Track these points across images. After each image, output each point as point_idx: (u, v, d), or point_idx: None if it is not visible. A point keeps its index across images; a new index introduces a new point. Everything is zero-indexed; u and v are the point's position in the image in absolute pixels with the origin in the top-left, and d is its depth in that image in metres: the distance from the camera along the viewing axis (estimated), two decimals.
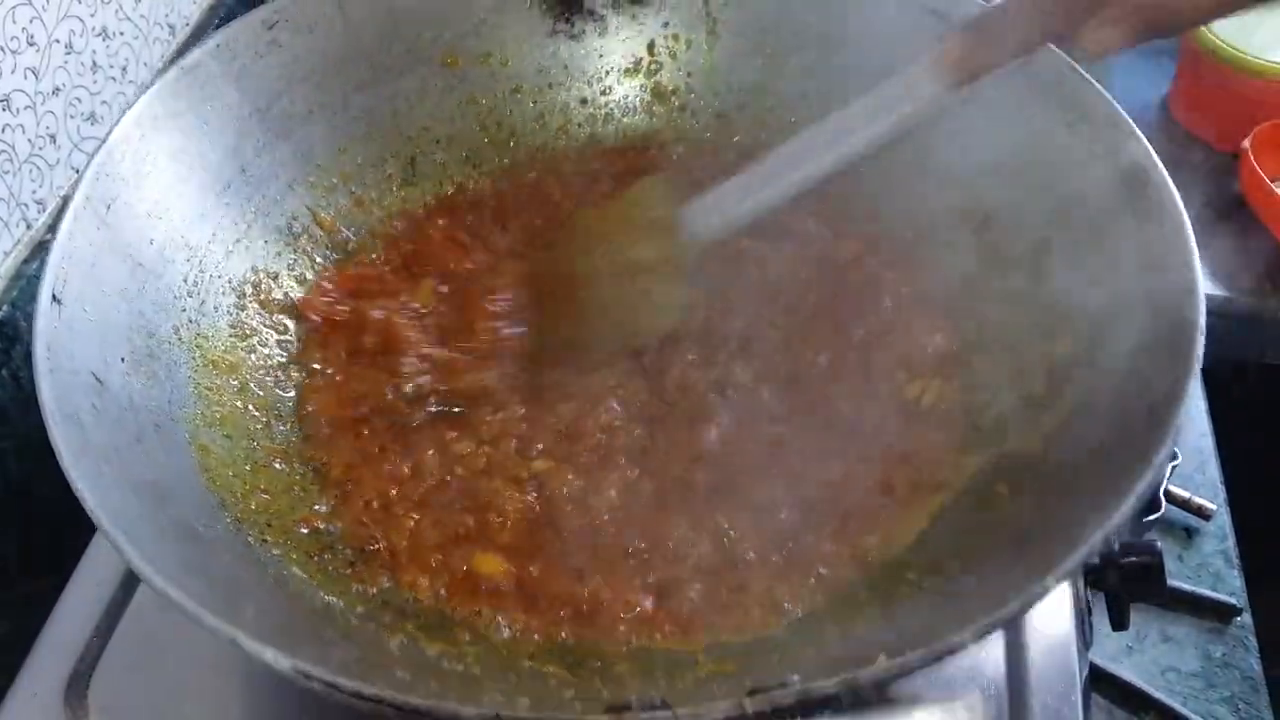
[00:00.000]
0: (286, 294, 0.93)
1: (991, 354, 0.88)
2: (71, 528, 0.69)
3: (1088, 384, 0.78)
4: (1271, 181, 1.31)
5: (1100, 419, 0.74)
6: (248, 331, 0.89)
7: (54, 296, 0.72)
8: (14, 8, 0.92)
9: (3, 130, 0.93)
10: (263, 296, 0.91)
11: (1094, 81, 0.85)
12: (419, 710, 0.55)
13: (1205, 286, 0.73)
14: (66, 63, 0.99)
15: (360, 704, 0.56)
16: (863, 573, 0.78)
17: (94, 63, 1.03)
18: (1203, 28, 1.39)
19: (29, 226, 0.98)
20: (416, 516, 0.82)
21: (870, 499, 0.82)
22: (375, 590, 0.77)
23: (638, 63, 1.07)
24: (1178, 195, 0.77)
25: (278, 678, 0.57)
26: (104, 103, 1.05)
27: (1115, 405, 0.73)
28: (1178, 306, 0.72)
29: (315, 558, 0.78)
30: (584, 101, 1.08)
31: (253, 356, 0.88)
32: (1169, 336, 0.71)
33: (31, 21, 0.94)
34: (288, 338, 0.92)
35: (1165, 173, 0.78)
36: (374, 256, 0.99)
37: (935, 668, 0.62)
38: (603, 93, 1.08)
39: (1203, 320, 0.70)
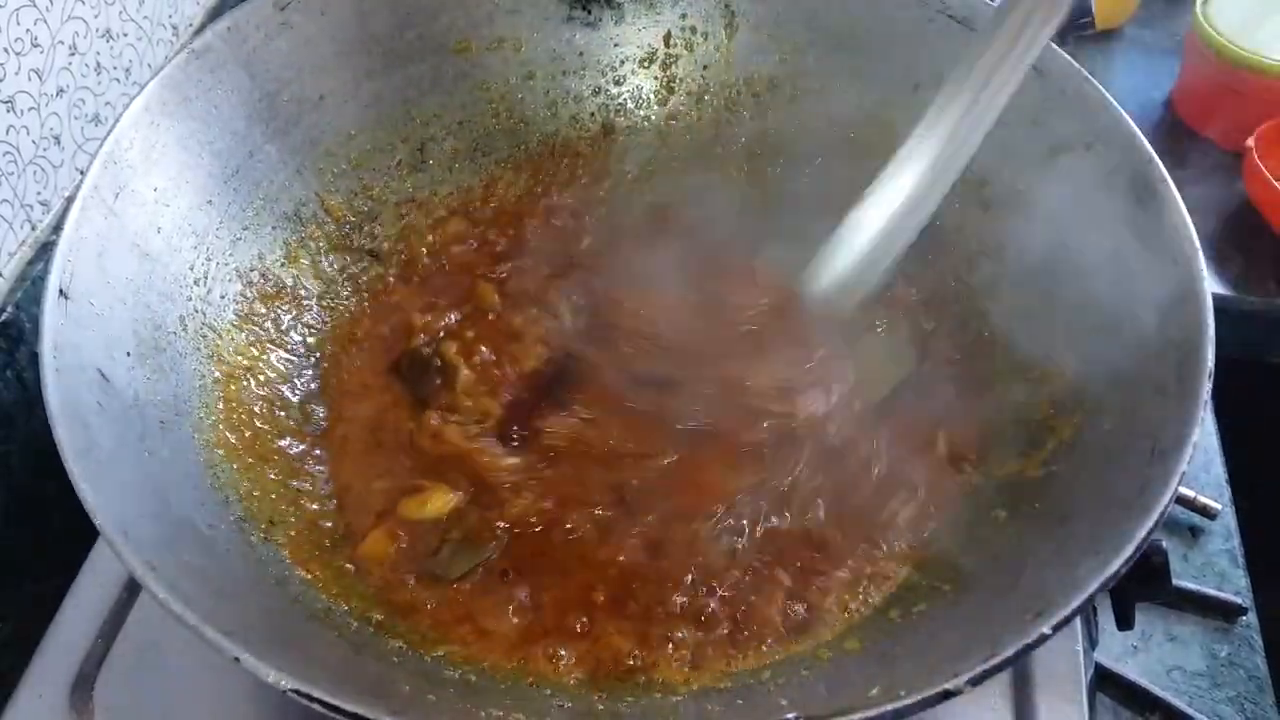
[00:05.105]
0: (295, 279, 0.92)
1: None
2: (76, 529, 0.69)
3: (1089, 415, 0.77)
4: (1275, 179, 1.30)
5: (1100, 454, 0.74)
6: (254, 320, 0.88)
7: (61, 290, 0.71)
8: (18, 9, 0.91)
9: (7, 132, 0.92)
10: (269, 285, 0.90)
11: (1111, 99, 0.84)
12: None
13: (1210, 285, 0.72)
14: (70, 64, 0.99)
15: None
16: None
17: (98, 64, 1.03)
18: (1207, 25, 1.39)
19: (33, 228, 0.97)
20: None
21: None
22: (374, 589, 0.78)
23: (653, 54, 1.06)
24: (1194, 230, 0.76)
25: None
26: (108, 104, 1.05)
27: (1117, 440, 0.73)
28: (1188, 347, 0.71)
29: (316, 555, 0.78)
30: (597, 91, 1.06)
31: (258, 346, 0.88)
32: (1176, 377, 0.70)
33: (35, 23, 0.93)
34: (294, 327, 0.91)
35: (1188, 216, 0.77)
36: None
37: None
38: (616, 82, 1.06)
39: (1211, 364, 0.68)
